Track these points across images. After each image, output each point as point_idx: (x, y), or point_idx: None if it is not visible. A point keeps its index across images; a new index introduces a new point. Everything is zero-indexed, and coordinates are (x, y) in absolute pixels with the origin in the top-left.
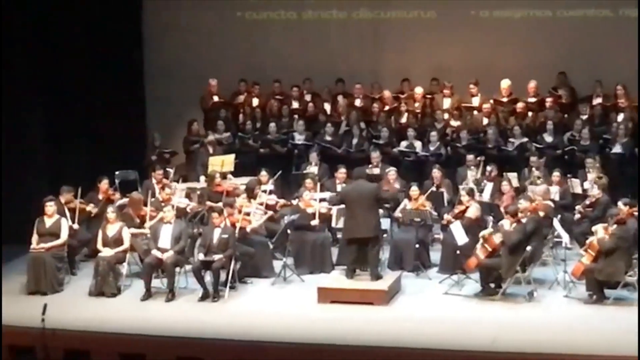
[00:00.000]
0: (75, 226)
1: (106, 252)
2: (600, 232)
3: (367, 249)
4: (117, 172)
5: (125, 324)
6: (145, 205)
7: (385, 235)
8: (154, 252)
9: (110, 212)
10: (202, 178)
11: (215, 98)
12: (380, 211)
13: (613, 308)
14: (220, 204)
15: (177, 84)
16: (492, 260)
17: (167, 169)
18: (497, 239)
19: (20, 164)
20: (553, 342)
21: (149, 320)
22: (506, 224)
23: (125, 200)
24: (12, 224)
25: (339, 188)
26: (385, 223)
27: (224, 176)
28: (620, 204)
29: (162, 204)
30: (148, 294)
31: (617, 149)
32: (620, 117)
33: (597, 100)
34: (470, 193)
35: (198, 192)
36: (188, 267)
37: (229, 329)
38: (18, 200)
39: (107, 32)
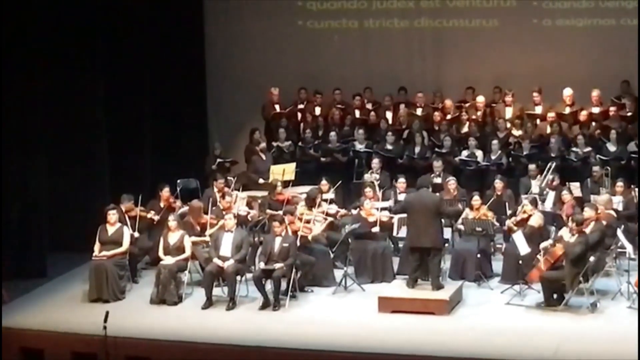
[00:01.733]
0: (136, 234)
1: (167, 260)
2: None
3: (429, 258)
4: (178, 181)
5: (186, 332)
6: (206, 213)
7: (446, 245)
8: (215, 260)
9: (172, 220)
10: (261, 180)
11: (277, 107)
12: (443, 221)
13: None
14: (280, 212)
15: (239, 93)
16: (555, 272)
17: (229, 178)
18: (559, 250)
19: (82, 172)
20: (616, 353)
21: (210, 329)
22: (566, 234)
23: (186, 208)
24: (74, 232)
25: (399, 197)
26: (446, 233)
27: (285, 185)
28: None
29: (223, 212)
30: (209, 303)
31: None
32: None
33: None
34: (534, 202)
35: (259, 201)
36: (249, 275)
37: (289, 338)
38: (80, 209)
39: (170, 41)
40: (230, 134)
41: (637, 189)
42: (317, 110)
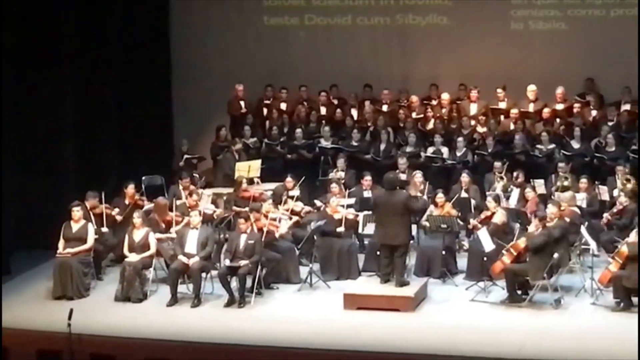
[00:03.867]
0: (104, 229)
1: (132, 258)
2: (633, 238)
3: (395, 255)
4: (143, 178)
5: (151, 330)
6: (171, 210)
7: (412, 242)
8: (180, 257)
9: (136, 218)
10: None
11: (242, 103)
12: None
13: None
14: (246, 209)
15: (205, 90)
16: (518, 265)
17: (194, 175)
18: (522, 243)
19: (48, 168)
20: (580, 349)
21: (175, 326)
22: (532, 230)
23: (151, 205)
24: (39, 229)
25: (365, 194)
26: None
27: (250, 182)
28: None
29: (189, 210)
30: (174, 300)
31: None
32: None
33: (625, 107)
34: (497, 199)
35: (224, 198)
36: (214, 272)
37: (254, 335)
38: (45, 205)
39: (135, 39)
40: (196, 130)
41: (600, 186)
42: (283, 106)
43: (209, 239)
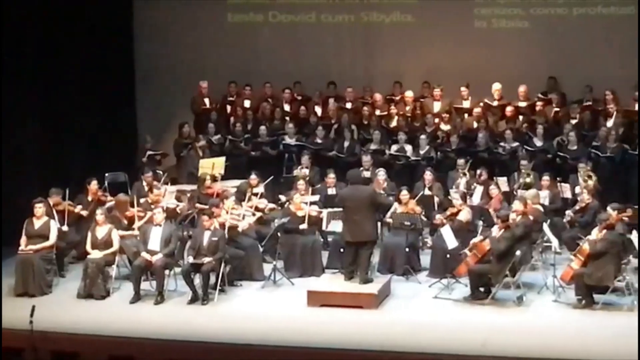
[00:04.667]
0: (65, 228)
1: (95, 255)
2: (594, 236)
3: (360, 251)
4: (106, 174)
5: (114, 327)
6: (133, 206)
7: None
8: (144, 254)
9: (99, 214)
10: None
11: (206, 100)
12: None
13: (602, 313)
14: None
15: (168, 86)
16: (482, 266)
17: (158, 171)
18: (487, 245)
19: (10, 165)
20: (542, 346)
21: (138, 323)
22: (495, 229)
23: (113, 202)
24: (0, 226)
25: (329, 192)
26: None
27: (214, 179)
28: (609, 209)
29: (152, 206)
30: (137, 297)
31: (606, 153)
32: (610, 122)
33: (587, 104)
34: (464, 197)
35: (188, 195)
36: (177, 269)
37: (218, 332)
38: (7, 202)
39: (99, 35)
40: (160, 127)
41: (562, 184)
42: (247, 103)
43: (172, 236)
